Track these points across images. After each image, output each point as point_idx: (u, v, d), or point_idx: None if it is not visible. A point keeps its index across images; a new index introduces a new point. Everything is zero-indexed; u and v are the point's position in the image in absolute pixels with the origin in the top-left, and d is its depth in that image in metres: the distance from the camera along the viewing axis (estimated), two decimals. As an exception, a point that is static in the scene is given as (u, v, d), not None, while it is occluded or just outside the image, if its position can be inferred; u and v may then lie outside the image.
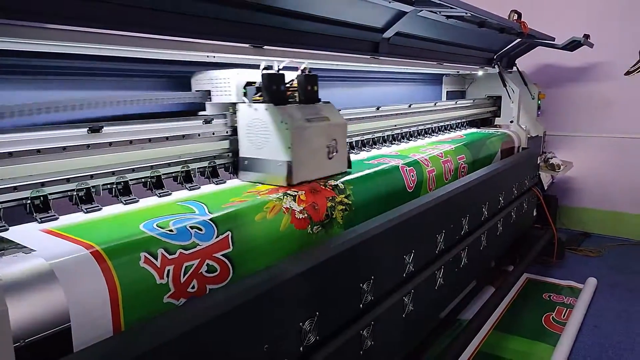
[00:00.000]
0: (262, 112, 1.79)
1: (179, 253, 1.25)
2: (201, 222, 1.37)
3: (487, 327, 3.16)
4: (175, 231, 1.29)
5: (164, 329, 1.10)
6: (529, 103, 4.38)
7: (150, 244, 1.22)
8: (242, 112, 1.86)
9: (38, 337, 0.97)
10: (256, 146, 1.84)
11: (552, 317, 3.37)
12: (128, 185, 1.58)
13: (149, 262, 1.19)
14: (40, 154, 1.36)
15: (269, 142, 1.79)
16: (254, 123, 1.83)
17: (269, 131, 1.78)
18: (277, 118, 1.77)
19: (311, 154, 1.85)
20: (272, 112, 1.78)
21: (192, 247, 1.29)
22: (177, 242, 1.27)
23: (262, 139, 1.81)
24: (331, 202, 1.78)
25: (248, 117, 1.84)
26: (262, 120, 1.80)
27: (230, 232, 1.40)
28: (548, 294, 3.72)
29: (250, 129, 1.85)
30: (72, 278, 1.04)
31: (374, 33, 2.62)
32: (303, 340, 1.46)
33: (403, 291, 1.99)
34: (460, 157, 2.91)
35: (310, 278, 1.49)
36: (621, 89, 4.87)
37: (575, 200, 5.27)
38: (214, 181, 1.85)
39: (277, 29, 2.06)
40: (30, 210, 1.34)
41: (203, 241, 1.33)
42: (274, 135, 1.77)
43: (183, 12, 1.68)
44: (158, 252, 1.21)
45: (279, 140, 1.77)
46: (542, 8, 4.96)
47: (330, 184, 1.86)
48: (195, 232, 1.33)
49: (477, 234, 2.77)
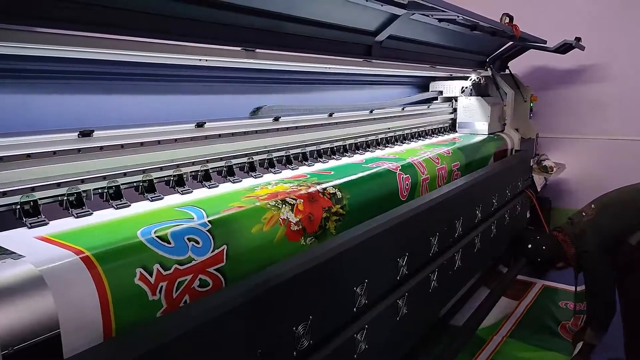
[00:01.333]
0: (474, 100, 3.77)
1: (174, 269, 1.24)
2: (199, 233, 1.35)
3: (501, 336, 3.14)
4: (172, 243, 1.27)
5: (156, 334, 1.09)
6: (522, 105, 4.40)
7: (146, 257, 1.20)
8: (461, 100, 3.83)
9: (27, 343, 0.95)
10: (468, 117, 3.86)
11: (568, 325, 3.33)
12: (120, 190, 1.57)
13: (144, 279, 1.17)
14: (30, 158, 1.34)
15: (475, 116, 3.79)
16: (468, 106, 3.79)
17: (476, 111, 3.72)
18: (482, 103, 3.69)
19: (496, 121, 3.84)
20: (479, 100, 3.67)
21: (187, 262, 1.28)
22: (174, 256, 1.25)
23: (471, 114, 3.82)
24: (326, 213, 1.78)
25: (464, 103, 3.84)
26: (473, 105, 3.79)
27: (226, 246, 1.39)
28: (565, 302, 3.68)
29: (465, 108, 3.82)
30: (61, 284, 1.03)
31: (366, 36, 2.62)
32: (297, 345, 1.45)
33: (397, 294, 1.99)
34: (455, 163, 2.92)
35: (304, 282, 1.48)
36: (613, 91, 4.91)
37: (569, 202, 5.29)
38: (206, 185, 1.84)
39: (269, 32, 2.05)
40: (20, 215, 1.32)
41: (199, 256, 1.31)
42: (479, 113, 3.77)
43: (174, 16, 1.67)
44: (154, 268, 1.20)
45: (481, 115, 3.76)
46: (533, 11, 4.98)
47: (328, 192, 1.86)
48: (192, 246, 1.31)
49: (471, 237, 2.77)
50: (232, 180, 1.94)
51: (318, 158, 2.49)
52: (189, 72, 2.03)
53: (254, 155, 2.11)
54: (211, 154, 1.89)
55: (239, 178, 1.97)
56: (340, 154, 2.65)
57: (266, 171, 2.15)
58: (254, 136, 2.12)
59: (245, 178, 2.01)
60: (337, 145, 2.65)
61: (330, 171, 2.17)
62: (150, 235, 1.27)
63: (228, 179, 1.95)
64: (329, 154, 2.59)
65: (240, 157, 2.04)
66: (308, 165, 2.36)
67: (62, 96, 1.68)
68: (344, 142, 2.71)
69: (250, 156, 2.08)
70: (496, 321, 3.40)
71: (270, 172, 2.14)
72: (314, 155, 2.48)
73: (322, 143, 2.54)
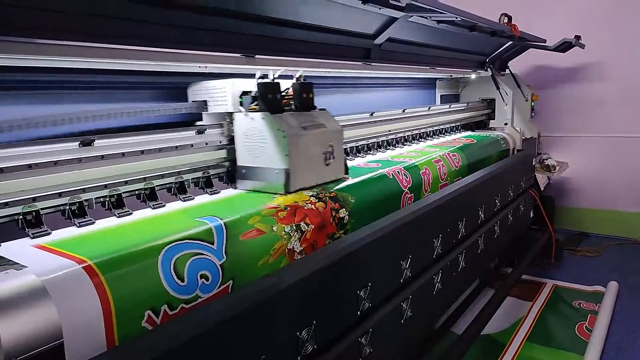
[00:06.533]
0: (259, 120, 1.81)
1: (180, 308, 1.25)
2: (212, 268, 1.35)
3: (520, 339, 3.11)
4: (185, 281, 1.27)
5: (160, 342, 1.09)
6: (523, 105, 4.40)
7: (156, 294, 1.20)
8: (239, 121, 1.87)
9: (30, 354, 0.96)
10: (253, 155, 1.86)
11: (585, 326, 3.28)
12: (121, 198, 1.57)
13: (151, 321, 1.18)
14: (31, 169, 1.35)
15: (266, 150, 1.81)
16: (250, 132, 1.84)
17: (266, 139, 1.80)
18: (273, 126, 1.78)
19: (308, 161, 1.86)
20: (268, 121, 1.79)
21: (193, 300, 1.28)
22: (182, 295, 1.26)
23: (259, 148, 1.83)
24: (329, 240, 1.77)
25: (245, 126, 1.86)
26: (259, 129, 1.81)
27: (232, 281, 1.39)
28: (578, 302, 3.65)
29: (247, 137, 1.86)
30: (64, 294, 1.03)
31: (365, 40, 2.63)
32: (301, 350, 1.44)
33: (401, 297, 1.98)
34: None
35: (307, 286, 1.48)
36: (613, 89, 4.90)
37: (572, 201, 5.28)
38: (208, 191, 1.84)
39: (268, 38, 2.06)
40: (22, 225, 1.33)
41: (205, 293, 1.32)
42: (271, 144, 1.79)
43: (174, 24, 1.68)
44: (161, 310, 1.20)
45: (276, 148, 1.78)
46: (532, 10, 4.99)
47: (338, 216, 1.82)
48: (202, 284, 1.31)
49: (474, 238, 2.76)
50: (234, 186, 1.94)
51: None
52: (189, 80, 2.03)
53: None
54: (211, 160, 1.89)
55: (240, 184, 1.95)
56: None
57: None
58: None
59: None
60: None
61: None
62: (169, 265, 1.25)
63: (230, 185, 1.95)
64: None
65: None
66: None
67: (61, 106, 1.69)
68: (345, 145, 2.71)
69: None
70: (512, 324, 3.36)
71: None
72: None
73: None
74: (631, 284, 3.86)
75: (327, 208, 1.80)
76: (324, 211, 1.77)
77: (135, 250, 1.22)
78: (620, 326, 3.25)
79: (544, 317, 3.45)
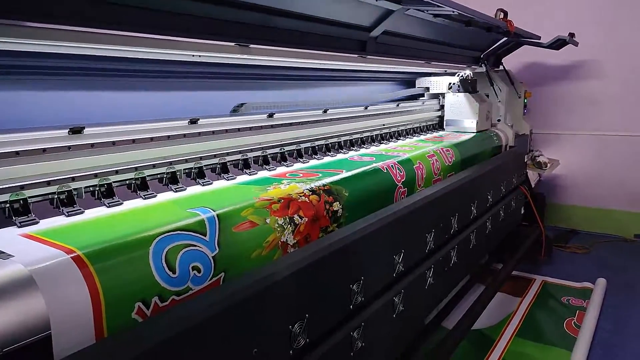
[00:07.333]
0: (462, 96, 3.73)
1: (170, 300, 1.22)
2: (204, 261, 1.32)
3: (509, 334, 3.13)
4: (177, 273, 1.24)
5: (149, 334, 1.07)
6: (516, 102, 4.41)
7: (147, 285, 1.18)
8: (448, 97, 3.81)
9: (17, 345, 0.93)
10: (456, 114, 3.76)
11: (573, 321, 3.31)
12: (112, 188, 1.54)
13: (141, 313, 1.15)
14: (19, 156, 1.32)
15: (464, 112, 3.72)
16: (456, 103, 3.76)
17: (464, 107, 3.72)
18: (470, 100, 3.71)
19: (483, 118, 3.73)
20: (467, 97, 3.72)
21: (184, 292, 1.25)
22: (174, 287, 1.23)
23: (461, 111, 3.74)
24: (322, 233, 1.76)
25: (452, 100, 3.79)
26: (462, 101, 3.74)
27: (224, 274, 1.37)
28: (567, 297, 3.67)
29: (452, 105, 3.77)
30: (52, 284, 1.00)
31: (361, 32, 2.61)
32: (293, 343, 1.43)
33: (393, 291, 1.98)
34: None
35: (300, 280, 1.46)
36: (606, 87, 4.93)
37: (563, 198, 5.32)
38: (200, 182, 1.81)
39: (263, 27, 2.03)
40: (9, 214, 1.30)
41: (196, 285, 1.29)
42: (467, 108, 3.71)
43: (166, 10, 1.65)
44: (152, 301, 1.17)
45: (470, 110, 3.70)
46: (527, 7, 4.99)
47: (332, 209, 1.82)
48: (194, 275, 1.28)
49: (466, 233, 2.76)
50: (227, 177, 1.92)
51: (313, 155, 2.47)
52: (181, 68, 2.01)
53: (248, 152, 2.08)
54: (204, 151, 1.87)
55: (233, 175, 1.94)
56: (335, 151, 2.63)
57: (261, 168, 2.13)
58: (248, 133, 2.10)
59: (239, 175, 1.99)
60: (332, 142, 2.64)
61: (342, 170, 2.11)
62: (160, 256, 1.23)
63: (222, 176, 1.93)
64: (324, 151, 2.57)
65: (234, 154, 2.02)
66: (302, 162, 2.34)
67: (52, 92, 1.65)
68: (338, 139, 2.69)
69: (244, 153, 2.06)
70: (501, 320, 3.39)
71: (265, 169, 2.12)
72: (309, 152, 2.46)
73: (316, 140, 2.52)
74: (619, 281, 3.90)
75: (321, 201, 1.78)
76: (317, 204, 1.76)
77: (125, 240, 1.19)
78: (608, 322, 3.29)
79: (533, 312, 3.48)
